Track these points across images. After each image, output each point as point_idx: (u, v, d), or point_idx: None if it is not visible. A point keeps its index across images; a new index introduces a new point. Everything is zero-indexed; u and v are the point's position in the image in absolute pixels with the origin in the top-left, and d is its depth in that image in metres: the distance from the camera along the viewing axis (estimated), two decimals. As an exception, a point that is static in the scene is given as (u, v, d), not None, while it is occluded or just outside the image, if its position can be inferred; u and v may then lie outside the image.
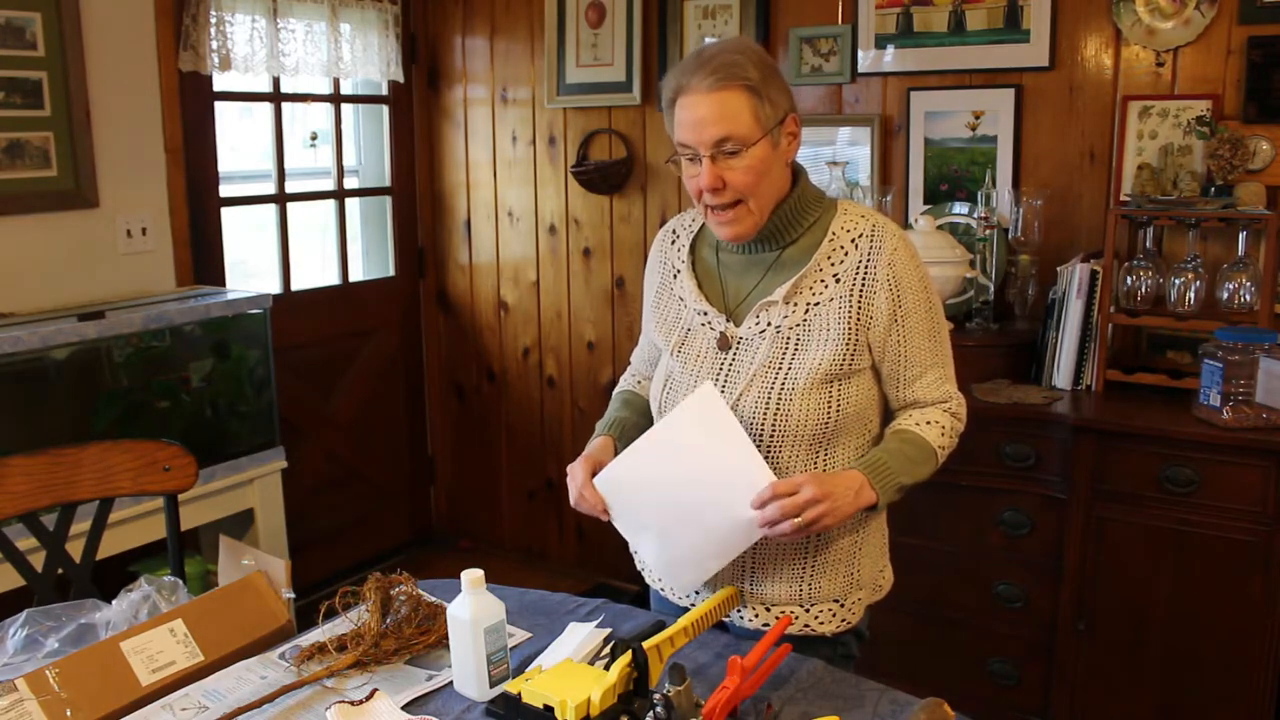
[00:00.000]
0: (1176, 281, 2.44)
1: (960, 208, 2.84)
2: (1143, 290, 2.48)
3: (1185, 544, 2.25)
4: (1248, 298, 2.39)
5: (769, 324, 1.54)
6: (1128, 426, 2.28)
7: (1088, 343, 2.50)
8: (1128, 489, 2.30)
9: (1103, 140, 2.67)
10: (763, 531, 1.44)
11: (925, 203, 2.90)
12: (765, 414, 1.52)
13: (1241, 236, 2.43)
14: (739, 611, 1.60)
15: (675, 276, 1.68)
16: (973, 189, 2.81)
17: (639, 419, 1.75)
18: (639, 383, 1.85)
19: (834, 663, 1.52)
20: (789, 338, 1.53)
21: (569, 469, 1.62)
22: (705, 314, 1.61)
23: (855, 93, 3.00)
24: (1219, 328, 2.29)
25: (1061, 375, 2.52)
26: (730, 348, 1.57)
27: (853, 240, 1.54)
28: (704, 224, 1.65)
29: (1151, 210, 2.45)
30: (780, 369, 1.52)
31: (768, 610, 1.59)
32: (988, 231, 2.71)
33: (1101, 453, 2.31)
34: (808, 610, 1.59)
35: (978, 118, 2.81)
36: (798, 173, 1.59)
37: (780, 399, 1.51)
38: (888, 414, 1.63)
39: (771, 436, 1.52)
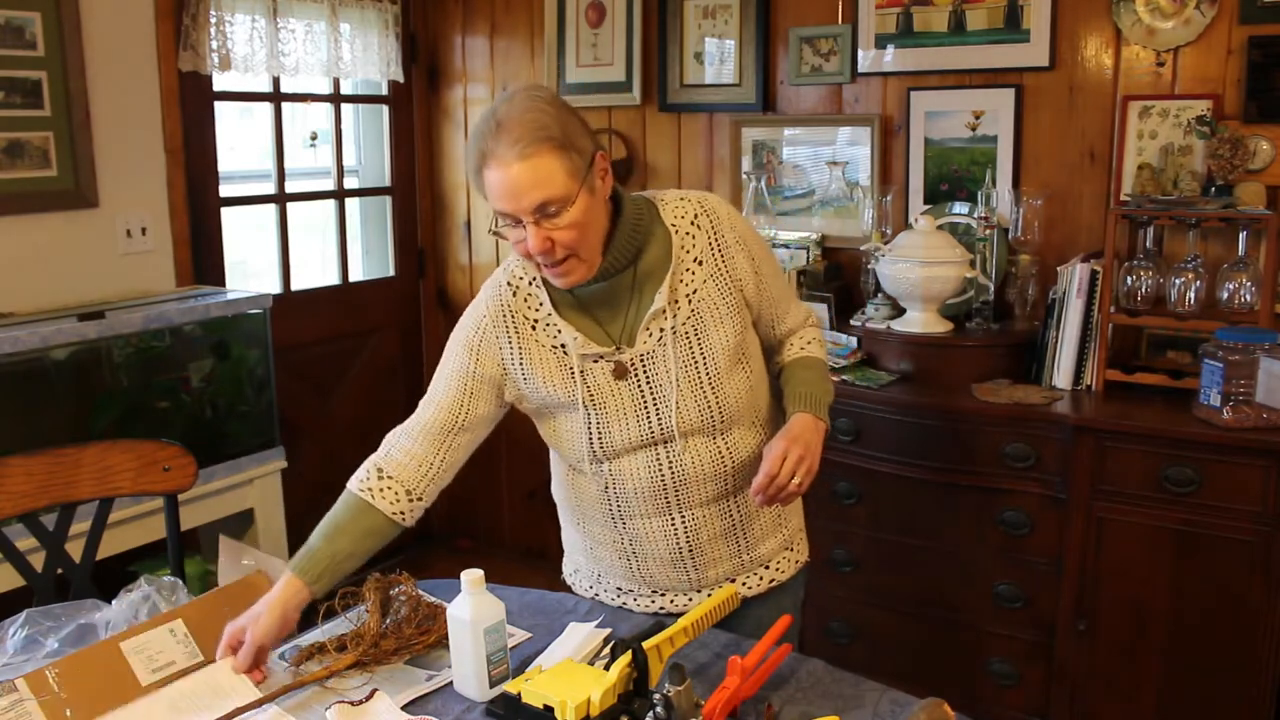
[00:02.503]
0: (1177, 281, 2.44)
1: (960, 208, 2.84)
2: (1143, 290, 2.48)
3: (1185, 544, 2.25)
4: (1248, 298, 2.39)
5: (663, 330, 1.57)
6: (1128, 426, 2.28)
7: (1088, 343, 2.50)
8: (1128, 489, 2.30)
9: (1103, 140, 2.67)
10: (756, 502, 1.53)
11: (925, 203, 2.90)
12: (709, 407, 1.58)
13: (1242, 236, 2.43)
14: (744, 581, 1.69)
15: (535, 327, 1.60)
16: (973, 189, 2.81)
17: (354, 547, 1.53)
18: (382, 478, 1.62)
19: (805, 596, 1.75)
20: (689, 332, 1.57)
21: (231, 630, 1.45)
22: (593, 353, 1.57)
23: (855, 93, 3.00)
24: (1219, 328, 2.28)
25: (1062, 375, 2.52)
26: (627, 375, 1.57)
27: (692, 222, 1.60)
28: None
29: (1152, 210, 2.45)
30: (698, 361, 1.57)
31: (767, 568, 1.71)
32: (988, 231, 2.71)
33: (1101, 453, 2.31)
34: (792, 549, 1.75)
35: (978, 118, 2.81)
36: (617, 198, 1.56)
37: (714, 387, 1.57)
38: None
39: (723, 422, 1.59)
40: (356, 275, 3.75)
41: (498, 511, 3.97)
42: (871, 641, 2.67)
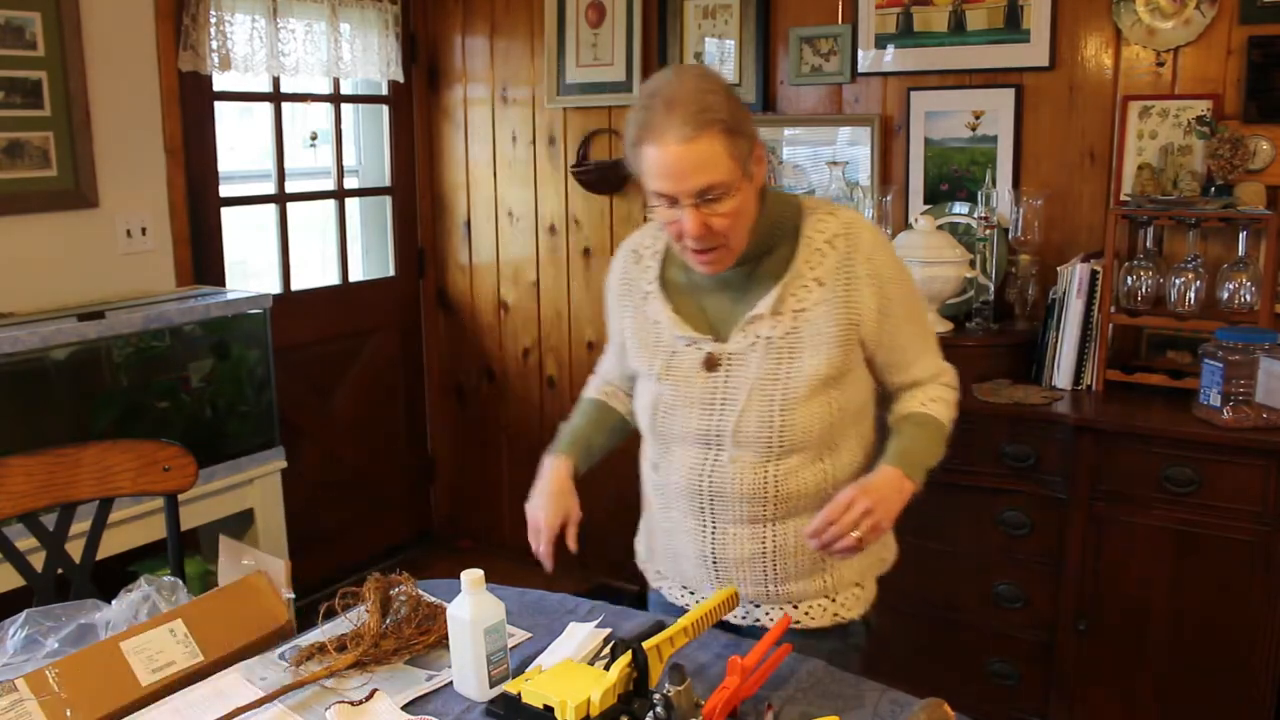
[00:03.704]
0: (1177, 281, 2.44)
1: (960, 208, 2.84)
2: (1143, 290, 2.48)
3: (1185, 544, 2.25)
4: (1248, 298, 2.39)
5: (758, 336, 1.52)
6: (1128, 426, 2.28)
7: (1088, 343, 2.50)
8: (1128, 489, 2.30)
9: (1103, 140, 2.67)
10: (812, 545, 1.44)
11: (925, 203, 2.90)
12: (770, 426, 1.51)
13: (1242, 236, 2.43)
14: (768, 612, 1.60)
15: (645, 299, 1.63)
16: (973, 189, 2.81)
17: (605, 439, 1.74)
18: (608, 393, 1.80)
19: (845, 654, 1.54)
20: (781, 348, 1.51)
21: (530, 509, 1.64)
22: (685, 337, 1.57)
23: (855, 93, 3.00)
24: (1219, 328, 2.29)
25: (1062, 375, 2.52)
26: (718, 367, 1.54)
27: (828, 241, 1.53)
28: (668, 243, 1.59)
29: (1152, 210, 2.45)
30: (778, 380, 1.51)
31: (795, 607, 1.60)
32: (988, 231, 2.71)
33: (1101, 453, 2.31)
34: (834, 600, 1.61)
35: (978, 118, 2.81)
36: (763, 187, 1.55)
37: (784, 409, 1.50)
38: (881, 396, 1.65)
39: (780, 447, 1.51)
40: (356, 275, 3.75)
41: (498, 511, 3.97)
42: (872, 640, 2.66)
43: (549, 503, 1.64)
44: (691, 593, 1.67)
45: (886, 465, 1.50)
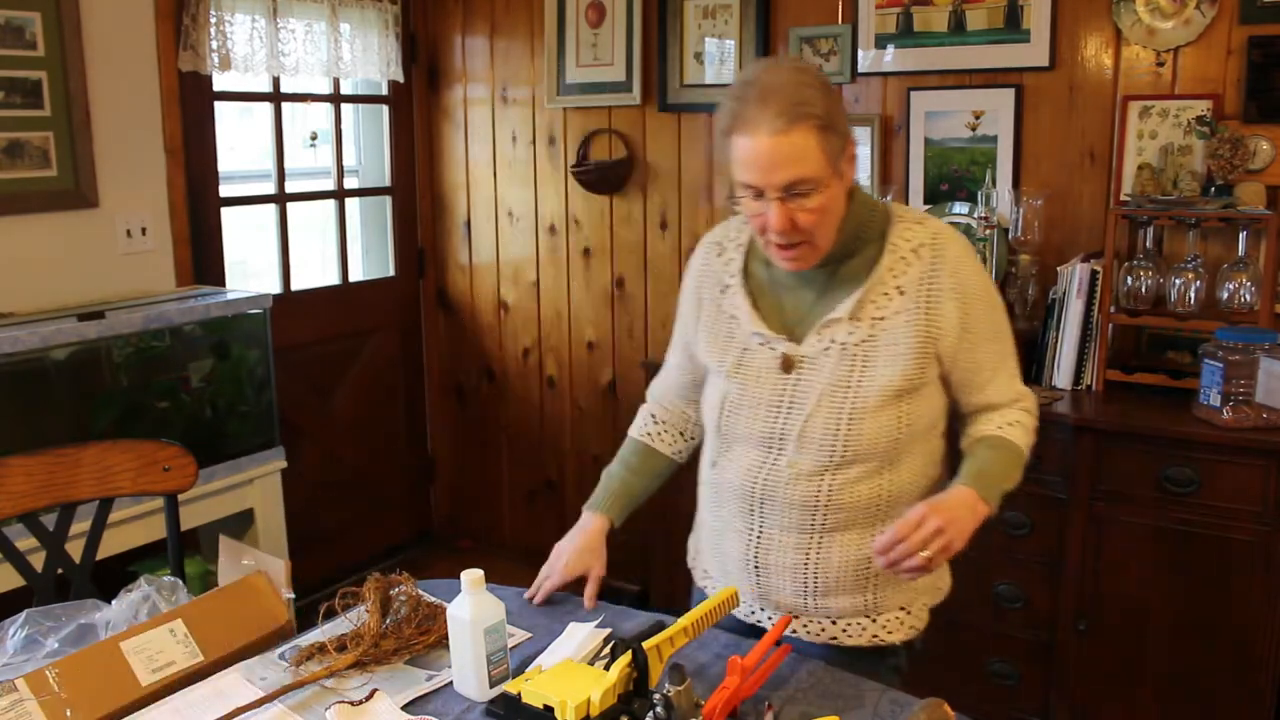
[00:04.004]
0: (1176, 281, 2.44)
1: (960, 208, 2.84)
2: (1143, 290, 2.48)
3: (1185, 544, 2.25)
4: (1248, 298, 2.39)
5: (833, 341, 1.49)
6: (1128, 426, 2.28)
7: (1088, 343, 2.50)
8: (1128, 489, 2.30)
9: (1103, 140, 2.67)
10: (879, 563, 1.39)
11: (925, 203, 2.90)
12: (836, 434, 1.47)
13: (1242, 236, 2.43)
14: (805, 625, 1.57)
15: (724, 291, 1.60)
16: (973, 189, 2.81)
17: (648, 484, 1.75)
18: (657, 423, 1.78)
19: (880, 676, 1.50)
20: (856, 355, 1.48)
21: (554, 553, 1.71)
22: (761, 335, 1.54)
23: (855, 93, 3.00)
24: (1219, 328, 2.29)
25: (1062, 375, 2.52)
26: (793, 368, 1.51)
27: (913, 250, 1.49)
28: (751, 238, 1.58)
29: (1152, 210, 2.45)
30: (849, 388, 1.47)
31: (833, 624, 1.57)
32: (988, 231, 2.71)
33: (1101, 453, 2.31)
34: (874, 620, 1.57)
35: (978, 118, 2.81)
36: (851, 188, 1.52)
37: (851, 419, 1.47)
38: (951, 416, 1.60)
39: (843, 455, 1.48)
40: (356, 275, 3.75)
41: (498, 511, 3.97)
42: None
43: (572, 558, 1.69)
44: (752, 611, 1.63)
45: (961, 485, 1.45)
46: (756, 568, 1.57)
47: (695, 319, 1.65)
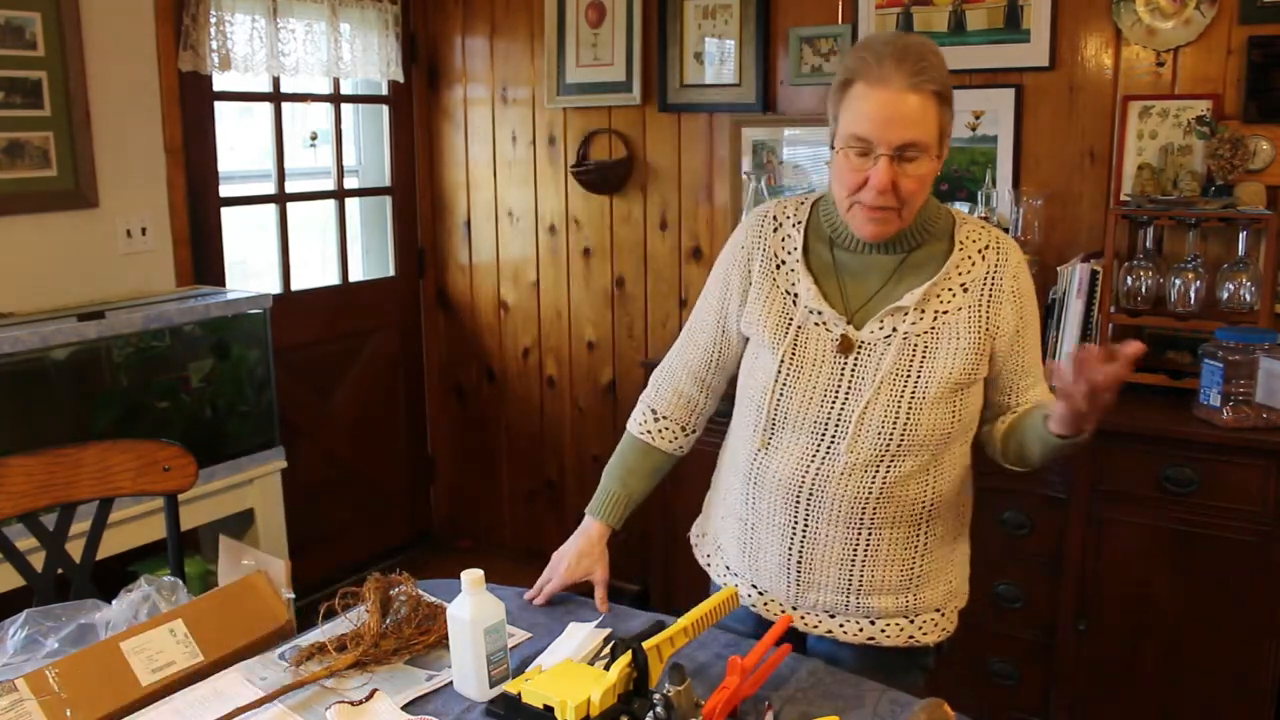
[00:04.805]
0: (1176, 281, 2.44)
1: (960, 208, 2.83)
2: (1143, 290, 2.48)
3: (1185, 544, 2.25)
4: (1248, 298, 2.39)
5: (894, 329, 1.49)
6: (1128, 426, 2.28)
7: (1088, 342, 2.50)
8: (1128, 489, 2.30)
9: (1103, 140, 2.67)
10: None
11: (925, 203, 2.89)
12: (895, 423, 1.47)
13: (1241, 236, 2.43)
14: (842, 625, 1.57)
15: (779, 267, 1.58)
16: (973, 189, 2.81)
17: (647, 484, 1.74)
18: (658, 419, 1.73)
19: (910, 673, 1.51)
20: (917, 345, 1.49)
21: (554, 559, 1.72)
22: (821, 314, 1.53)
23: (855, 93, 2.99)
24: (1219, 328, 2.29)
25: (1061, 375, 2.52)
26: (852, 351, 1.51)
27: (979, 251, 1.53)
28: (811, 217, 1.58)
29: (1151, 210, 2.45)
30: (910, 376, 1.48)
31: (872, 624, 1.56)
32: (988, 231, 2.71)
33: (1101, 453, 2.31)
34: (912, 621, 1.57)
35: (978, 117, 2.81)
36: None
37: (910, 407, 1.47)
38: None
39: (900, 445, 1.48)
40: (356, 275, 3.75)
41: (498, 511, 3.97)
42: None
43: (573, 562, 1.70)
44: (761, 593, 1.61)
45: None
46: (798, 563, 1.54)
47: (742, 291, 1.61)
